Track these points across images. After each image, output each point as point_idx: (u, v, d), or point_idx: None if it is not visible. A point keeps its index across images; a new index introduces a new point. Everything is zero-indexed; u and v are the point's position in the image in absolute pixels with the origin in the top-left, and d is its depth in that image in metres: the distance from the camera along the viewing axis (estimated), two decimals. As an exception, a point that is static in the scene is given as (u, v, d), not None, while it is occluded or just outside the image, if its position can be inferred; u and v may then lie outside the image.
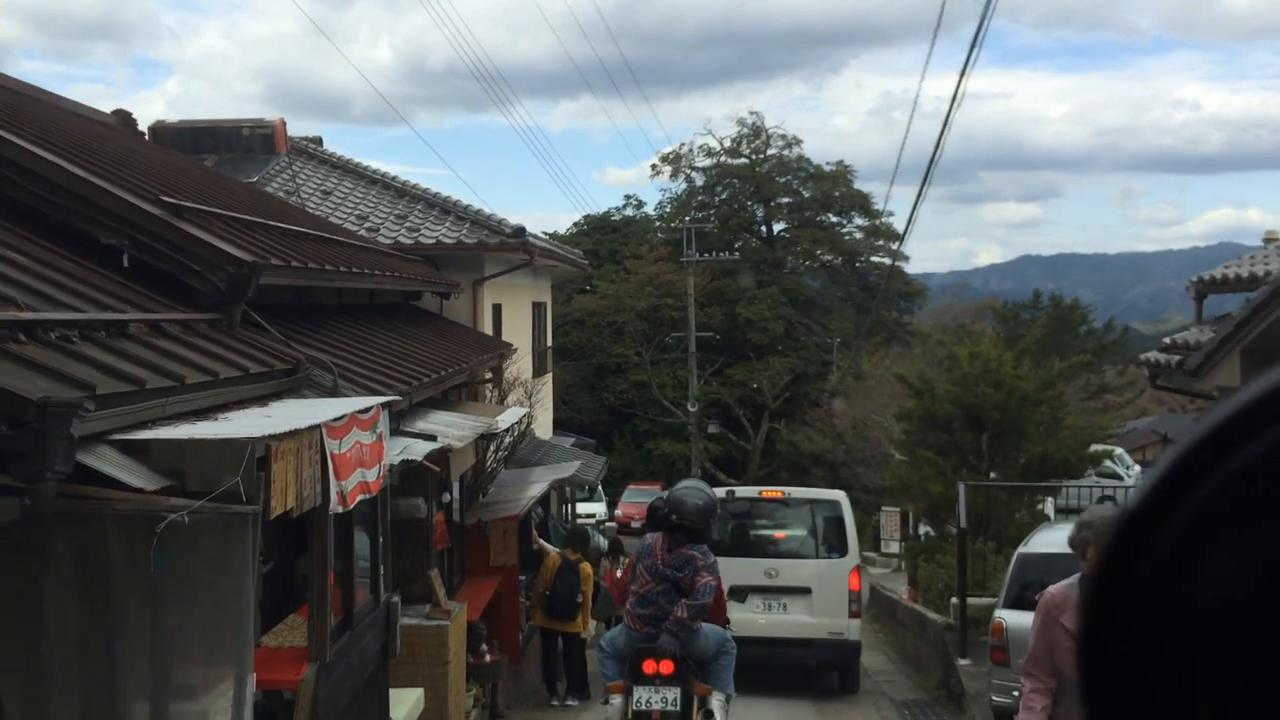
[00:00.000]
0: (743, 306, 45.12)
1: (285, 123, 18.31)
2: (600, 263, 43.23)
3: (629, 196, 60.85)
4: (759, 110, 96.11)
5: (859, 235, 51.48)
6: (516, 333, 17.13)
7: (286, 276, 7.85)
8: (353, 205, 15.95)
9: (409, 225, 15.31)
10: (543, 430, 19.68)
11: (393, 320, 11.47)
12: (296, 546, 7.31)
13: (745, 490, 15.13)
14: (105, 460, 4.14)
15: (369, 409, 6.02)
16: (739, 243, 49.70)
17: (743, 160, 51.22)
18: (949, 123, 12.82)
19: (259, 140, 17.84)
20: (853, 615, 12.87)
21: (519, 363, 15.61)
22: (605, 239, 49.32)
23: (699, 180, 52.57)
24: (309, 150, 18.43)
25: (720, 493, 12.89)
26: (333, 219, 14.42)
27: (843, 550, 13.03)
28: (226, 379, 5.60)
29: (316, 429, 5.01)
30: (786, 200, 51.79)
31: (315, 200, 15.66)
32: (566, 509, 21.72)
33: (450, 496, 10.46)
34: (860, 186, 51.38)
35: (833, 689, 13.43)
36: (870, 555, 26.85)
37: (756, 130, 51.09)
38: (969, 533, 13.03)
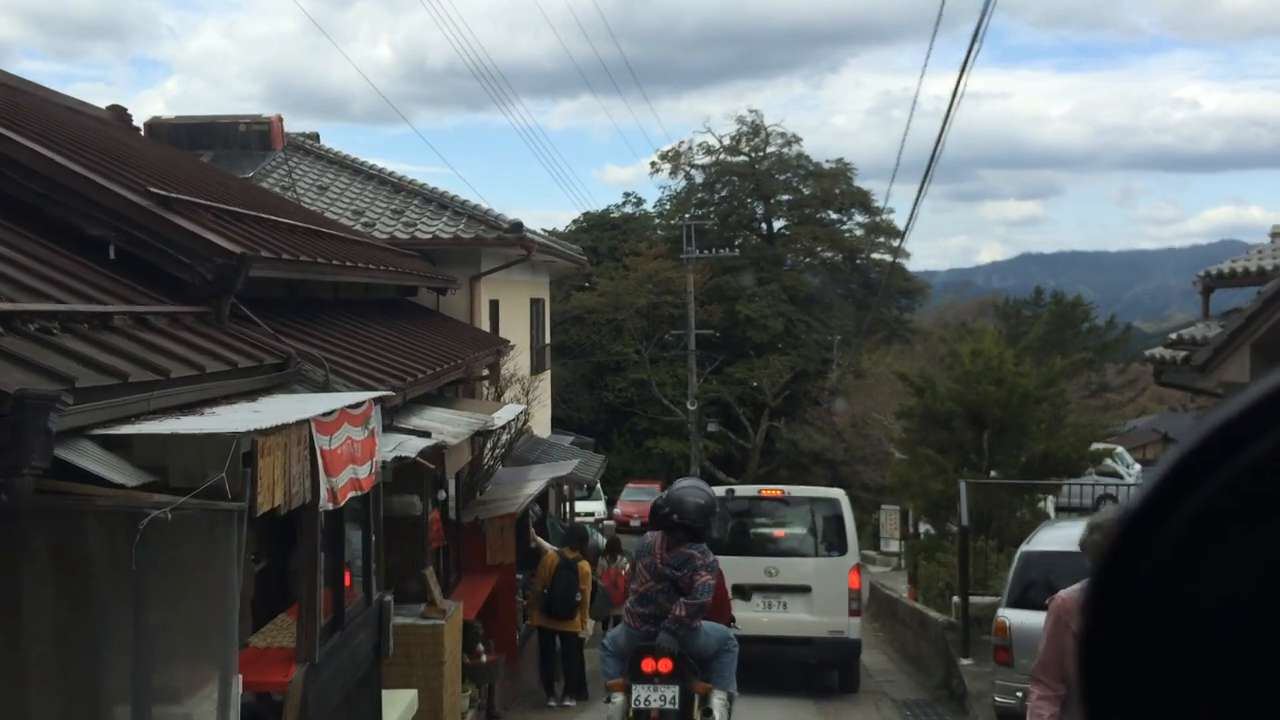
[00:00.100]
0: (743, 304, 44.98)
1: (281, 118, 18.21)
2: (600, 260, 43.08)
3: (628, 194, 60.73)
4: (758, 108, 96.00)
5: (859, 232, 51.38)
6: (514, 329, 17.01)
7: (277, 269, 7.72)
8: (349, 200, 15.84)
9: (405, 220, 15.20)
10: (541, 428, 19.56)
11: (388, 316, 11.34)
12: (289, 545, 7.18)
13: (745, 489, 15.17)
14: (85, 455, 4.02)
15: (361, 404, 5.90)
16: (739, 240, 49.61)
17: (742, 158, 51.09)
18: (950, 116, 12.70)
19: (255, 136, 17.76)
20: (852, 613, 12.90)
21: (516, 359, 15.48)
22: (604, 236, 49.16)
23: (698, 178, 52.47)
24: (305, 146, 18.36)
25: (720, 491, 12.86)
26: (328, 214, 14.30)
27: (842, 548, 13.06)
28: (213, 373, 5.47)
29: (305, 424, 4.89)
30: (786, 197, 51.66)
31: (311, 196, 15.56)
32: (565, 507, 21.62)
33: (445, 494, 10.34)
34: (860, 185, 51.36)
35: (833, 687, 13.39)
36: (870, 554, 26.75)
37: (756, 128, 51.01)
38: (970, 531, 12.93)
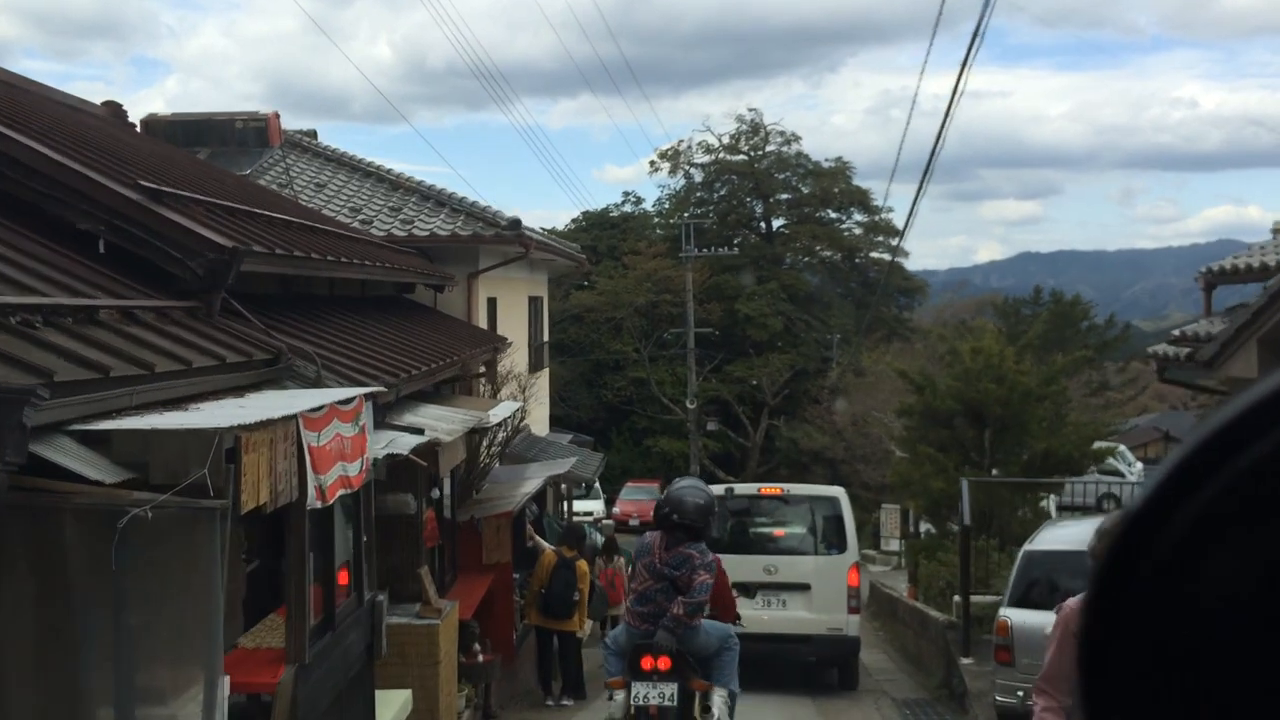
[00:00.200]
0: (742, 303, 44.84)
1: (279, 115, 18.12)
2: (599, 259, 42.94)
3: (628, 193, 60.56)
4: (758, 107, 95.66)
5: (858, 231, 51.22)
6: (512, 327, 16.90)
7: (271, 264, 7.61)
8: (346, 198, 15.74)
9: (403, 218, 15.09)
10: (539, 427, 19.46)
11: (384, 313, 11.24)
12: (282, 544, 7.07)
13: (744, 487, 15.21)
14: (63, 451, 3.91)
15: (351, 400, 5.79)
16: (738, 239, 49.48)
17: (741, 157, 50.93)
18: (951, 113, 12.59)
19: (252, 133, 17.68)
20: (852, 611, 12.94)
21: (513, 356, 15.37)
22: (604, 235, 49.01)
23: (698, 176, 52.30)
24: (303, 143, 18.26)
25: (719, 490, 12.81)
26: (326, 211, 14.20)
27: (841, 546, 13.10)
28: (201, 368, 5.37)
29: (292, 419, 4.78)
30: (785, 196, 51.50)
31: (309, 193, 15.47)
32: (563, 506, 21.51)
33: (440, 492, 10.24)
34: (859, 184, 51.21)
35: (832, 685, 13.34)
36: (870, 553, 26.66)
37: (755, 127, 50.84)
38: (971, 530, 12.84)
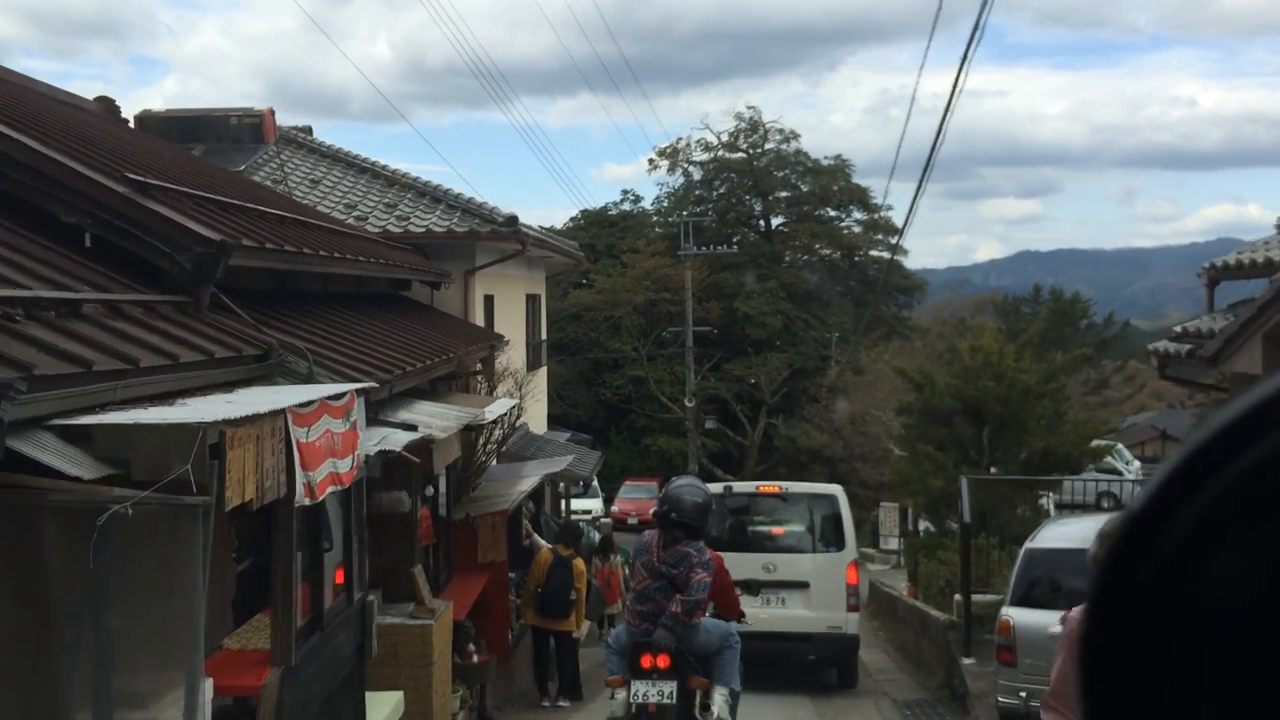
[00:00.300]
0: (741, 301, 44.72)
1: (273, 111, 18.00)
2: (597, 257, 42.80)
3: (626, 191, 60.63)
4: (756, 106, 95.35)
5: (857, 229, 51.07)
6: (509, 325, 16.79)
7: (261, 259, 7.50)
8: (341, 194, 15.63)
9: (399, 214, 14.98)
10: (537, 425, 19.36)
11: (379, 310, 11.13)
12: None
13: (743, 486, 15.24)
14: (41, 447, 3.80)
15: (342, 395, 5.68)
16: (737, 237, 49.35)
17: (740, 155, 50.77)
18: (951, 107, 12.49)
19: (247, 129, 17.57)
20: (850, 609, 12.94)
21: (510, 353, 15.26)
22: (602, 233, 48.89)
23: (696, 175, 52.14)
24: (298, 139, 18.14)
25: (718, 488, 12.73)
26: (321, 207, 14.09)
27: (840, 545, 13.09)
28: (188, 363, 5.26)
29: (280, 415, 4.67)
30: (784, 194, 51.36)
31: (304, 189, 15.36)
32: (562, 505, 21.40)
33: (435, 490, 10.12)
34: (858, 182, 51.08)
35: (831, 685, 13.26)
36: (869, 552, 26.58)
37: (754, 125, 50.67)
38: (971, 528, 12.74)
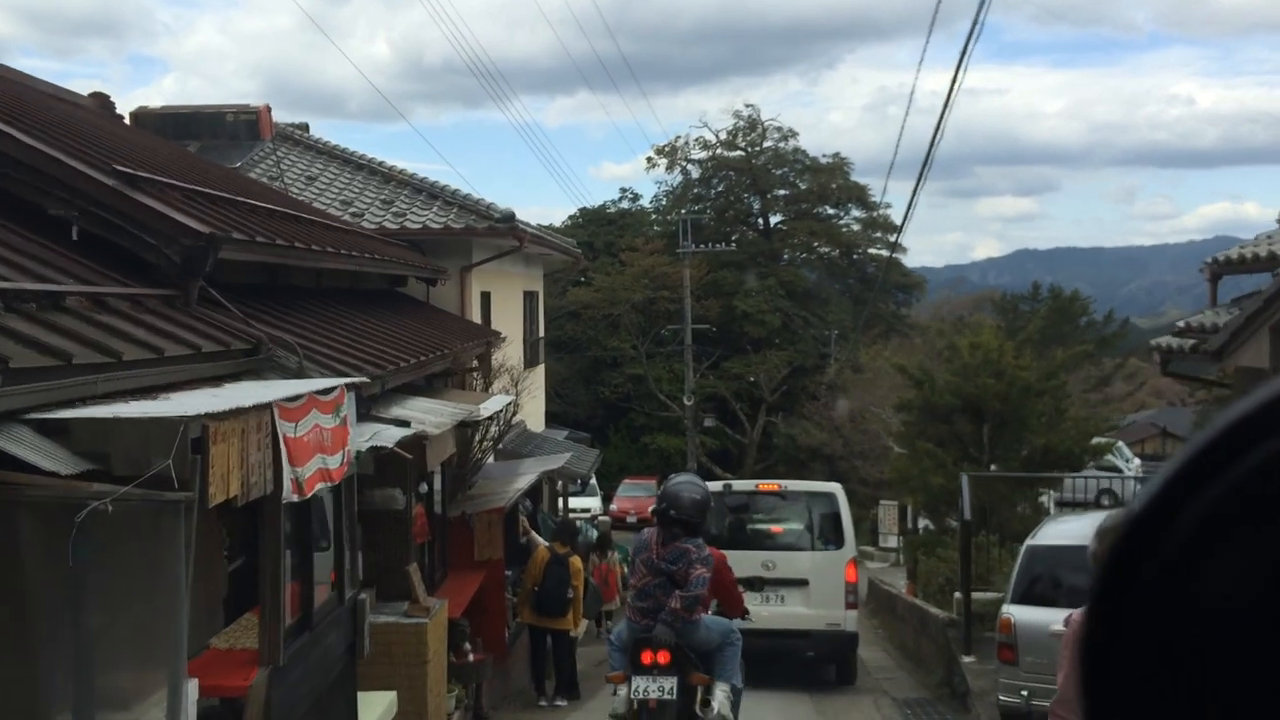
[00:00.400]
0: (739, 299, 44.61)
1: (269, 108, 17.89)
2: (596, 255, 42.68)
3: (625, 190, 60.44)
4: (755, 104, 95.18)
5: (856, 227, 50.97)
6: (507, 322, 16.70)
7: (252, 252, 7.39)
8: (337, 190, 15.55)
9: (394, 210, 14.88)
10: (535, 423, 19.26)
11: (374, 306, 11.02)
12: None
13: (742, 484, 15.25)
14: (18, 441, 3.69)
15: (332, 390, 5.58)
16: (735, 235, 49.22)
17: (739, 153, 50.65)
18: (950, 104, 12.41)
19: (243, 126, 17.48)
20: (849, 607, 12.94)
21: (507, 350, 15.16)
22: (601, 231, 48.78)
23: (695, 173, 52.01)
24: (294, 136, 18.04)
25: (717, 486, 12.66)
26: (317, 204, 14.00)
27: (839, 542, 13.09)
28: (174, 357, 5.15)
29: (266, 409, 4.57)
30: (783, 192, 51.24)
31: (300, 186, 15.26)
32: (560, 503, 21.30)
33: (430, 487, 10.02)
34: (857, 180, 50.98)
35: (830, 682, 13.21)
36: (868, 549, 26.51)
37: (752, 123, 50.55)
38: (972, 525, 12.65)
